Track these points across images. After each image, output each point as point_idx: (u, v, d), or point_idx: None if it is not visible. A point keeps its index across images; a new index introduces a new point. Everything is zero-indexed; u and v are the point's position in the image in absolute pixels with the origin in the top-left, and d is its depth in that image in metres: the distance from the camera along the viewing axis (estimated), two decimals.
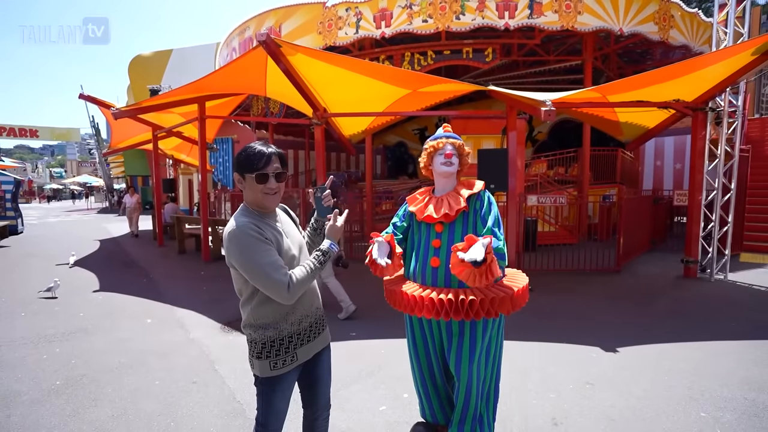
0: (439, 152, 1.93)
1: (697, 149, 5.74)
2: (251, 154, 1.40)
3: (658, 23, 7.92)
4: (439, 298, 1.71)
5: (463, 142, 1.96)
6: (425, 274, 1.84)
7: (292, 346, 1.48)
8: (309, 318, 1.54)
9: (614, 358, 3.23)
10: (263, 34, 4.46)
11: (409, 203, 2.02)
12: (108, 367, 3.19)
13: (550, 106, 4.09)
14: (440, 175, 1.94)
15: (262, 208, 1.46)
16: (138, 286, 5.90)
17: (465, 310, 1.69)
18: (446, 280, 1.80)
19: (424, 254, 1.87)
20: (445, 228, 1.86)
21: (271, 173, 1.41)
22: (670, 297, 5.05)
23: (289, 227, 1.57)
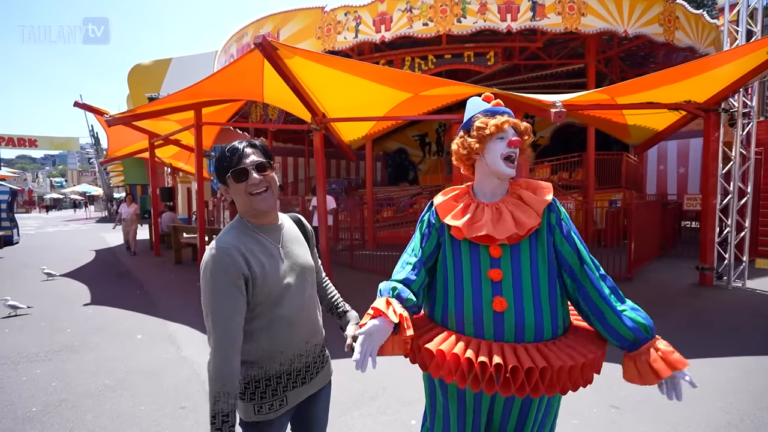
0: (498, 136, 1.25)
1: (710, 152, 5.53)
2: (225, 155, 1.19)
3: (663, 24, 7.78)
4: (529, 367, 1.09)
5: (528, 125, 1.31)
6: (483, 323, 1.19)
7: (281, 389, 1.23)
8: (303, 358, 1.28)
9: None
10: (260, 36, 4.28)
11: (440, 213, 1.32)
12: (90, 390, 2.96)
13: (560, 108, 3.89)
14: (497, 174, 1.26)
15: (256, 216, 1.23)
16: (131, 298, 5.67)
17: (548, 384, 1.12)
18: (518, 331, 1.18)
19: (475, 292, 1.22)
20: (505, 252, 1.22)
21: (250, 166, 1.18)
22: (689, 306, 4.80)
23: (293, 246, 1.30)
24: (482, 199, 1.30)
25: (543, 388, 1.11)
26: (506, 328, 1.18)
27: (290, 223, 1.38)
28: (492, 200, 1.29)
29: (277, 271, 1.21)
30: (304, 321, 1.29)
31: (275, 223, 1.28)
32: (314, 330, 1.33)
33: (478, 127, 1.27)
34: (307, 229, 1.42)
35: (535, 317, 1.18)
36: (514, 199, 1.27)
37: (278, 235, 1.27)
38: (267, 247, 1.22)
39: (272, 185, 1.21)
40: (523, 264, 1.21)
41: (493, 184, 1.29)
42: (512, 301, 1.18)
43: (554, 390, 1.12)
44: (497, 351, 1.14)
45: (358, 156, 13.95)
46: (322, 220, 6.07)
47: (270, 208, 1.22)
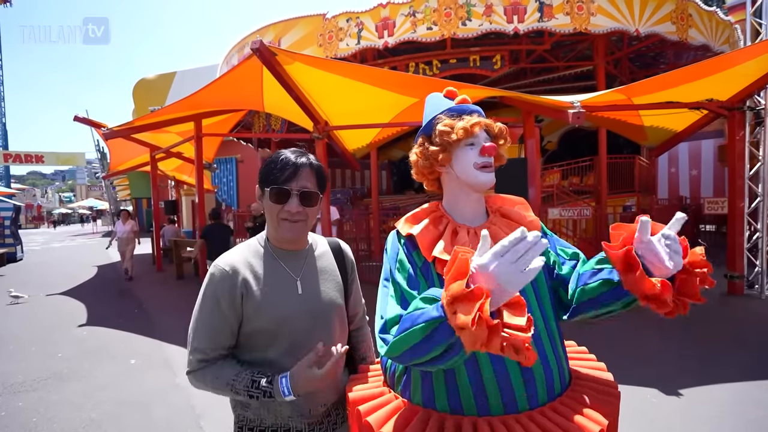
0: (466, 143, 0.97)
1: (736, 152, 5.22)
2: (276, 161, 1.01)
3: (676, 23, 7.51)
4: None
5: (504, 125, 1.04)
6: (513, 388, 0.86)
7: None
8: (305, 419, 1.04)
9: (681, 405, 2.66)
10: (257, 41, 4.09)
11: (423, 246, 0.95)
12: (74, 426, 2.70)
13: (578, 108, 3.64)
14: (471, 187, 0.99)
15: (279, 242, 1.06)
16: (128, 317, 5.44)
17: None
18: (549, 387, 0.89)
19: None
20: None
21: (295, 191, 0.99)
22: (721, 319, 4.45)
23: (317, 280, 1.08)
24: (463, 222, 1.00)
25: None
26: (538, 385, 0.87)
27: (325, 250, 1.15)
28: (476, 222, 1.01)
29: (283, 306, 1.01)
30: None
31: (301, 250, 1.10)
32: (328, 384, 1.00)
33: (441, 132, 0.97)
34: (346, 260, 1.19)
35: (559, 369, 0.91)
36: (500, 218, 1.02)
37: (301, 264, 1.07)
38: (280, 276, 1.03)
39: (309, 218, 1.03)
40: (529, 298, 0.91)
41: (470, 200, 1.01)
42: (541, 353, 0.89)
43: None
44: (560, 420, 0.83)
45: (363, 165, 13.77)
46: (326, 232, 5.84)
47: (294, 239, 1.05)
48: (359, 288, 1.25)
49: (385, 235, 1.21)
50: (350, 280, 1.19)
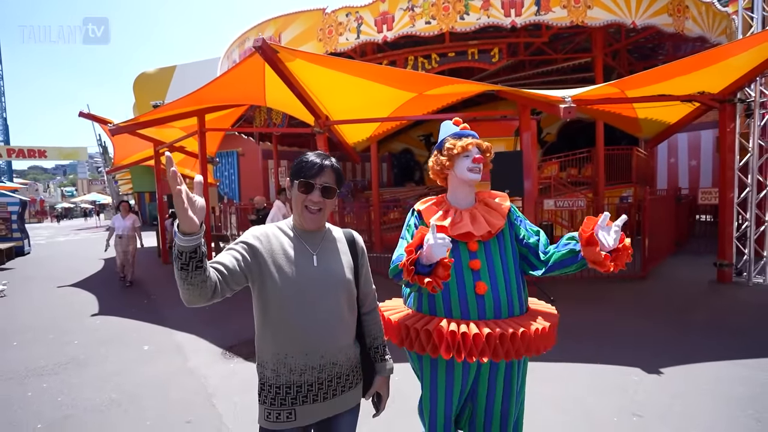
0: (464, 155, 1.58)
1: (726, 144, 5.35)
2: (304, 161, 1.28)
3: (673, 14, 7.58)
4: (511, 333, 1.38)
5: (488, 144, 1.63)
6: (468, 305, 1.48)
7: (289, 400, 1.21)
8: (315, 371, 1.22)
9: (660, 383, 2.85)
10: (259, 39, 4.22)
11: (425, 216, 1.62)
12: (96, 405, 2.91)
13: (570, 103, 3.77)
14: (465, 183, 1.61)
15: (301, 225, 1.30)
16: (138, 308, 5.64)
17: (528, 344, 1.41)
18: (496, 308, 1.48)
19: (459, 279, 1.50)
20: (480, 247, 1.54)
21: (318, 185, 1.25)
22: (708, 305, 4.64)
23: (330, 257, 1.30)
24: (457, 206, 1.62)
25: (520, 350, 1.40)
26: (487, 307, 1.48)
27: (339, 236, 1.39)
28: (465, 207, 1.61)
29: (301, 271, 1.23)
30: (321, 333, 1.23)
31: (318, 231, 1.34)
32: (335, 346, 1.26)
33: (447, 148, 1.59)
34: (357, 246, 1.41)
35: (508, 297, 1.50)
36: (482, 205, 1.62)
37: (318, 242, 1.31)
38: (301, 249, 1.27)
39: (327, 208, 1.28)
40: (494, 255, 1.52)
41: (464, 192, 1.63)
42: (489, 285, 1.48)
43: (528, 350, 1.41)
44: (481, 326, 1.41)
45: (363, 158, 13.89)
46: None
47: (313, 228, 1.30)
48: (370, 273, 1.45)
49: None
50: (360, 264, 1.39)
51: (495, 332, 1.38)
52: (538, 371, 3.10)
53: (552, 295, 5.01)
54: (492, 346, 1.38)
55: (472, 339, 1.39)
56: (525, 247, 1.57)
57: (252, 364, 3.51)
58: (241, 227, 12.01)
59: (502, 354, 1.39)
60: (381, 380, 1.39)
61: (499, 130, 7.41)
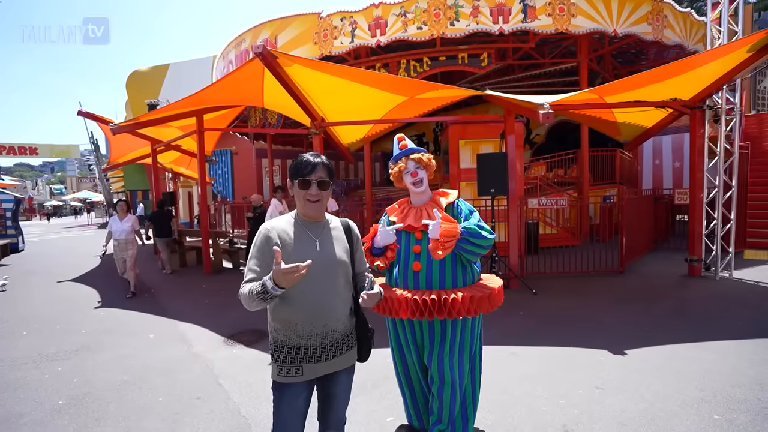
0: (404, 173, 2.03)
1: (696, 147, 5.74)
2: (300, 162, 1.53)
3: (652, 23, 7.98)
4: (423, 299, 1.84)
5: (423, 153, 2.04)
6: (407, 278, 1.96)
7: (298, 359, 1.49)
8: (319, 337, 1.50)
9: (623, 361, 3.18)
10: (259, 46, 4.48)
11: (389, 214, 2.14)
12: (111, 384, 3.15)
13: (548, 109, 4.09)
14: (413, 193, 2.07)
15: (305, 216, 1.56)
16: (139, 301, 5.86)
17: (447, 308, 1.82)
18: (428, 282, 1.93)
19: (405, 260, 1.98)
20: (424, 235, 1.95)
21: (314, 180, 1.51)
22: (676, 297, 5.01)
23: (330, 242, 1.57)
24: (414, 204, 2.08)
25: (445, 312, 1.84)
26: (420, 281, 1.94)
27: (337, 225, 1.66)
28: (419, 205, 2.05)
29: (306, 255, 1.46)
30: (323, 305, 1.51)
31: (320, 221, 1.60)
32: (334, 317, 1.53)
33: (391, 173, 2.10)
34: (352, 233, 1.68)
35: (440, 275, 1.93)
36: (431, 203, 2.04)
37: (320, 230, 1.58)
38: (305, 237, 1.54)
39: (324, 199, 1.55)
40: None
41: (417, 196, 2.08)
42: (425, 265, 1.92)
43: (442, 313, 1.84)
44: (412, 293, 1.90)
45: (357, 157, 14.14)
46: None
47: (314, 215, 1.55)
48: (363, 255, 1.75)
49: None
50: (355, 248, 1.67)
51: (409, 298, 1.85)
52: (520, 354, 3.43)
53: (534, 288, 5.35)
54: (408, 307, 1.85)
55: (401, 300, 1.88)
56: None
57: (254, 350, 3.78)
58: (235, 225, 12.19)
59: (417, 314, 1.84)
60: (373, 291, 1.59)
61: (487, 131, 7.72)
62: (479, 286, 1.97)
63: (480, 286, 1.96)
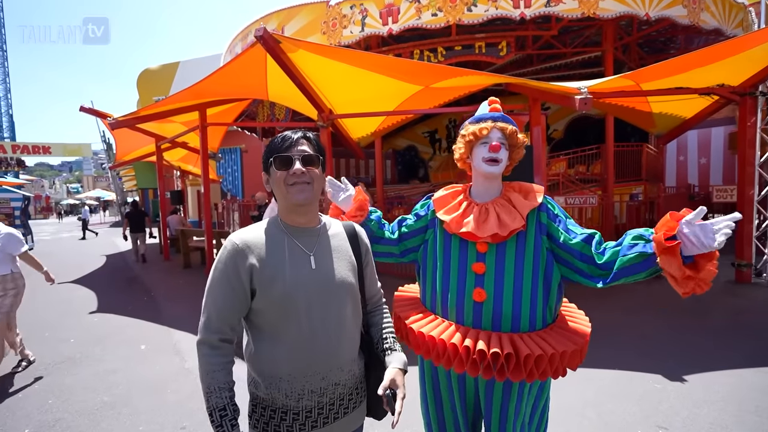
0: (481, 142, 1.35)
1: (746, 139, 5.13)
2: (276, 139, 1.10)
3: (687, 6, 7.33)
4: (493, 352, 1.19)
5: (516, 128, 1.38)
6: (463, 311, 1.32)
7: (284, 427, 1.04)
8: (315, 396, 1.05)
9: (684, 391, 2.67)
10: (260, 29, 4.07)
11: (436, 206, 1.45)
12: (88, 408, 2.77)
13: (586, 94, 3.59)
14: (482, 176, 1.38)
15: (292, 212, 1.09)
16: (137, 305, 5.53)
17: (528, 369, 1.19)
18: (495, 320, 1.28)
19: (459, 282, 1.33)
20: (491, 249, 1.31)
21: (296, 155, 1.05)
22: (728, 307, 4.44)
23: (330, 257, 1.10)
24: (476, 199, 1.40)
25: (507, 372, 1.19)
26: (484, 317, 1.29)
27: (339, 231, 1.18)
28: (484, 200, 1.38)
29: (296, 278, 1.02)
30: (322, 351, 1.04)
31: (313, 227, 1.12)
32: (337, 365, 1.06)
33: (462, 135, 1.41)
34: (361, 243, 1.21)
35: (513, 310, 1.27)
36: (503, 200, 1.36)
37: (314, 240, 1.10)
38: (294, 251, 1.06)
39: (315, 181, 1.07)
40: (507, 260, 1.29)
41: (484, 185, 1.39)
42: (492, 293, 1.27)
43: (520, 376, 1.19)
44: (476, 338, 1.24)
45: (368, 154, 13.70)
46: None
47: (306, 202, 1.06)
48: (375, 272, 1.27)
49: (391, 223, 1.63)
50: (365, 263, 1.20)
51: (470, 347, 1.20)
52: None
53: None
54: (468, 359, 1.21)
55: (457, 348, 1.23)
56: (567, 252, 1.28)
57: None
58: (243, 223, 11.89)
59: (481, 371, 1.20)
60: (395, 372, 1.10)
61: None
62: (566, 330, 1.32)
63: (567, 331, 1.31)
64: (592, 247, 1.24)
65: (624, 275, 1.16)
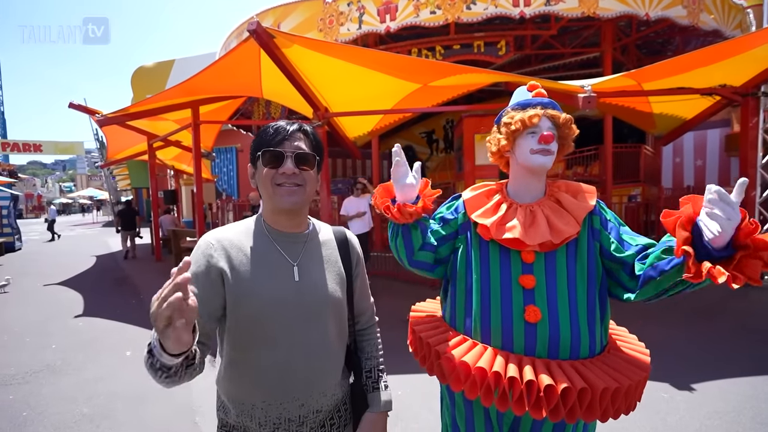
0: (528, 131, 1.13)
1: (748, 140, 5.06)
2: (268, 129, 0.94)
3: (687, 6, 7.27)
4: (566, 387, 0.94)
5: (569, 117, 1.16)
6: (512, 334, 1.06)
7: None
8: (294, 425, 0.91)
9: (694, 401, 2.56)
10: (254, 23, 3.92)
11: (468, 208, 1.21)
12: (65, 420, 2.61)
13: (590, 92, 3.47)
14: (529, 171, 1.15)
15: (276, 214, 0.95)
16: (125, 308, 5.35)
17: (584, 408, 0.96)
18: (552, 344, 1.04)
19: (504, 299, 1.08)
20: (539, 257, 1.09)
21: (290, 152, 0.91)
22: (734, 311, 4.35)
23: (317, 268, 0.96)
24: (516, 199, 1.19)
25: (580, 412, 0.94)
26: (539, 341, 1.04)
27: (329, 238, 1.04)
28: (526, 201, 1.18)
29: (276, 290, 0.88)
30: (302, 375, 0.90)
31: (299, 232, 0.99)
32: (319, 390, 0.93)
33: (505, 123, 1.18)
34: (352, 252, 1.07)
35: (572, 331, 1.05)
36: (551, 202, 1.15)
37: (299, 248, 0.97)
38: (275, 259, 0.93)
39: (308, 184, 0.94)
40: (559, 272, 1.08)
41: (528, 182, 1.18)
42: (546, 312, 1.05)
43: (593, 415, 0.95)
44: (529, 366, 0.99)
45: (364, 155, 13.57)
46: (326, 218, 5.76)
47: (294, 207, 0.93)
48: (367, 284, 1.13)
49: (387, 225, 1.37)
50: (355, 275, 1.06)
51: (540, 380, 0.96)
52: None
53: None
54: (533, 397, 0.95)
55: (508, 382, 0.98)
56: (617, 263, 1.08)
57: None
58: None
59: (546, 411, 0.95)
60: (373, 419, 0.99)
61: None
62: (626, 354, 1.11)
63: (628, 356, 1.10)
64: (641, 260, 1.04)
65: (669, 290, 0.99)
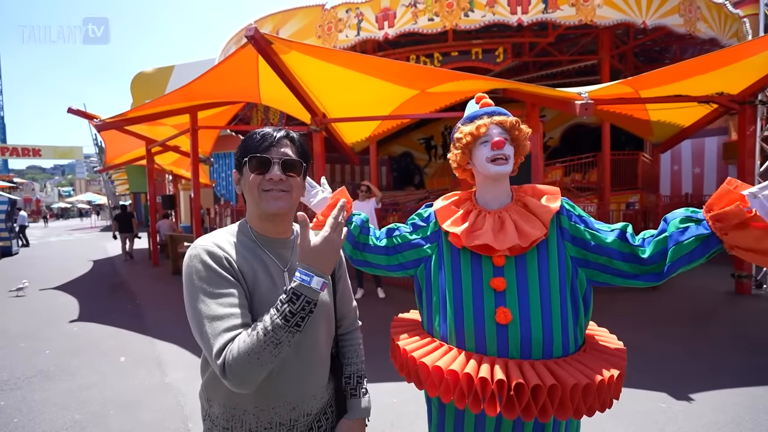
0: (480, 141, 1.18)
1: (746, 148, 5.07)
2: (254, 135, 0.94)
3: (684, 15, 7.33)
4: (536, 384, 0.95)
5: (516, 119, 1.20)
6: (484, 336, 1.08)
7: None
8: (284, 428, 0.91)
9: (693, 412, 2.54)
10: (251, 29, 3.94)
11: (440, 218, 1.24)
12: (56, 427, 2.58)
13: (587, 99, 3.48)
14: (489, 178, 1.18)
15: (262, 220, 0.95)
16: (121, 313, 5.31)
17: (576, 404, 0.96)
18: (524, 344, 1.06)
19: (476, 302, 1.10)
20: (510, 260, 1.11)
21: (276, 159, 0.91)
22: (730, 320, 4.33)
23: None
24: (485, 207, 1.22)
25: (552, 409, 0.96)
26: (511, 342, 1.07)
27: None
28: (495, 207, 1.21)
29: (271, 297, 0.88)
30: (294, 380, 0.90)
31: (286, 238, 0.99)
32: (309, 394, 0.93)
33: (457, 138, 1.24)
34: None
35: (544, 331, 1.07)
36: (518, 207, 1.19)
37: (288, 253, 0.97)
38: (266, 265, 0.92)
39: (294, 190, 0.94)
40: (530, 273, 1.11)
41: (492, 189, 1.21)
42: (517, 313, 1.07)
43: (566, 413, 0.96)
44: (501, 367, 1.01)
45: (362, 160, 13.59)
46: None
47: (281, 212, 0.93)
48: (349, 287, 1.13)
49: None
50: (338, 277, 1.07)
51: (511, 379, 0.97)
52: None
53: None
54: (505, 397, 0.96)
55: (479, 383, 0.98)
56: (603, 255, 1.10)
57: None
58: None
59: (519, 410, 0.95)
60: (350, 425, 0.99)
61: None
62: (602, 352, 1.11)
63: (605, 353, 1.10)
64: (629, 242, 1.08)
65: (682, 264, 1.00)
